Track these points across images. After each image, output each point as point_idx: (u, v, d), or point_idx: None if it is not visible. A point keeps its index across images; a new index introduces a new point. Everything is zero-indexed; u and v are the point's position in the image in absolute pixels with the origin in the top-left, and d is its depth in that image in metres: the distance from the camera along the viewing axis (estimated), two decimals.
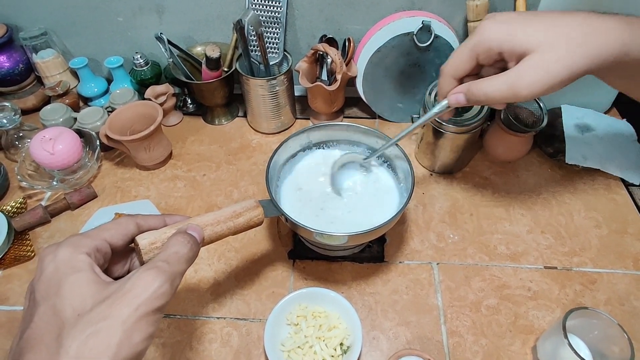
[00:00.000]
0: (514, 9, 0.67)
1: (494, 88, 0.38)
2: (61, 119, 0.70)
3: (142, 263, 0.34)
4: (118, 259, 0.35)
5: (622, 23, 0.35)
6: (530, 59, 0.36)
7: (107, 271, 0.34)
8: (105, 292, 0.28)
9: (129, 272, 0.35)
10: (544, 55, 0.36)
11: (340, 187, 0.55)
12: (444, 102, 0.44)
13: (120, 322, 0.26)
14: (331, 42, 0.70)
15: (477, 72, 0.43)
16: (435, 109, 0.45)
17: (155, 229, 0.35)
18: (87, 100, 0.81)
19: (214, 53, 0.67)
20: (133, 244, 0.35)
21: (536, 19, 0.37)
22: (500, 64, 0.41)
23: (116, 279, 0.31)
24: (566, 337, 0.41)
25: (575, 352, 0.40)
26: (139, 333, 0.27)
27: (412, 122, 0.66)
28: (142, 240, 0.34)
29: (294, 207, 0.53)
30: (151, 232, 0.35)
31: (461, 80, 0.43)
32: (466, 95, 0.41)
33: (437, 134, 0.62)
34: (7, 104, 0.69)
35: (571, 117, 0.68)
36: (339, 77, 0.66)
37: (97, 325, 0.26)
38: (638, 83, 0.41)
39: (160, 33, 0.67)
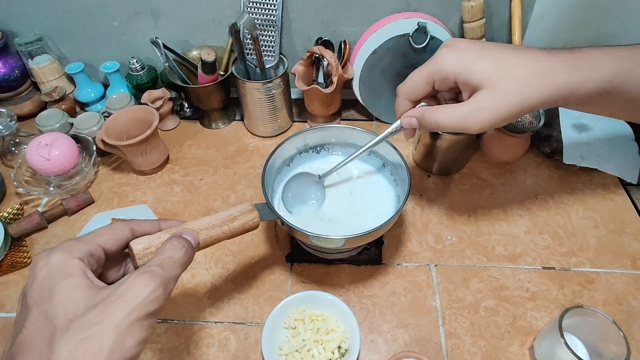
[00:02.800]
0: (509, 10, 0.67)
1: (445, 118, 0.40)
2: (57, 125, 0.70)
3: (136, 268, 0.34)
4: (112, 264, 0.35)
5: (567, 62, 0.38)
6: (481, 95, 0.38)
7: (101, 276, 0.34)
8: (98, 297, 0.28)
9: (123, 277, 0.35)
10: (494, 92, 0.38)
11: (290, 209, 0.54)
12: (397, 123, 0.46)
13: (113, 327, 0.26)
14: (327, 44, 0.70)
15: (433, 94, 0.45)
16: (390, 130, 0.47)
17: (149, 234, 0.35)
18: (83, 106, 0.81)
19: (209, 57, 0.67)
20: (127, 249, 0.35)
21: (490, 54, 0.39)
22: (455, 89, 0.42)
23: (110, 284, 0.30)
24: (562, 336, 0.41)
25: (572, 351, 0.40)
26: (132, 337, 0.27)
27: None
28: (136, 246, 0.34)
29: (290, 209, 0.53)
30: (145, 237, 0.34)
31: (416, 103, 0.45)
32: (419, 120, 0.43)
33: (434, 135, 0.62)
34: (3, 110, 0.69)
35: (568, 117, 0.67)
36: (335, 79, 0.66)
37: (89, 330, 0.26)
38: (597, 109, 0.43)
39: (156, 37, 0.67)
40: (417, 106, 0.45)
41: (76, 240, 0.31)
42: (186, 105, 0.81)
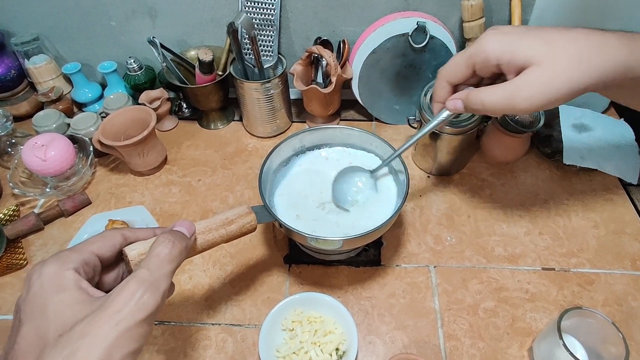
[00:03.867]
0: (509, 9, 0.67)
1: (492, 98, 0.38)
2: (54, 125, 0.70)
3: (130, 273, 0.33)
4: (108, 270, 0.35)
5: (624, 40, 0.35)
6: (530, 72, 0.35)
7: (99, 283, 0.33)
8: (88, 310, 0.27)
9: (122, 280, 0.35)
10: (544, 69, 0.35)
11: (344, 204, 0.53)
12: (446, 113, 0.44)
13: (100, 340, 0.26)
14: (326, 44, 0.70)
15: (475, 82, 0.43)
16: (441, 117, 0.44)
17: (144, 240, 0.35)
18: (81, 106, 0.80)
19: (206, 57, 0.66)
20: (123, 255, 0.34)
21: (538, 33, 0.36)
22: (499, 78, 0.40)
23: (109, 289, 0.30)
24: (561, 337, 0.40)
25: (570, 353, 0.39)
26: (120, 350, 0.26)
27: (409, 124, 0.66)
28: (131, 252, 0.33)
29: (288, 211, 0.53)
30: (140, 242, 0.34)
31: (456, 87, 0.43)
32: (464, 102, 0.41)
33: (434, 135, 0.61)
34: None
35: (569, 117, 0.67)
36: (334, 79, 0.66)
37: (75, 344, 0.25)
38: (638, 97, 0.41)
39: (153, 37, 0.67)
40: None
41: (69, 251, 0.31)
42: (184, 105, 0.81)
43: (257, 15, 0.68)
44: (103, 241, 0.33)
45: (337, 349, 0.46)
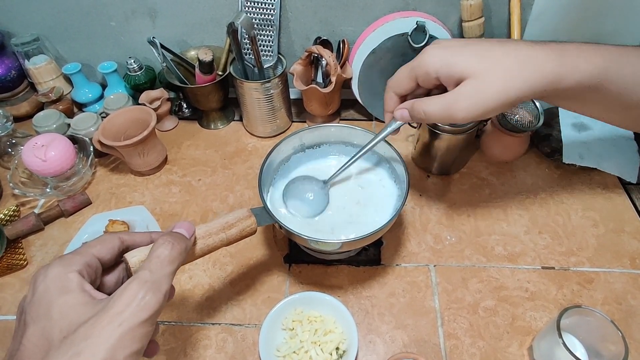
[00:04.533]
0: (508, 9, 0.67)
1: (432, 108, 0.40)
2: (54, 126, 0.70)
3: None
4: (108, 272, 0.35)
5: (553, 52, 0.38)
6: (465, 85, 0.38)
7: (100, 285, 0.34)
8: (92, 312, 0.28)
9: (122, 282, 0.35)
10: (477, 82, 0.37)
11: (297, 213, 0.53)
12: (397, 122, 0.46)
13: (103, 341, 0.26)
14: (325, 44, 0.70)
15: (423, 93, 0.45)
16: (390, 128, 0.47)
17: (140, 244, 0.35)
18: (81, 106, 0.80)
19: (206, 56, 0.67)
20: (124, 261, 0.34)
21: (474, 47, 0.39)
22: (441, 87, 0.42)
23: (109, 292, 0.31)
24: (560, 336, 0.41)
25: (570, 351, 0.39)
26: (123, 350, 0.27)
27: (408, 123, 0.66)
28: (132, 259, 0.33)
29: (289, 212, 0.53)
30: (140, 249, 0.34)
31: (405, 97, 0.46)
32: (409, 111, 0.44)
33: (433, 135, 0.61)
34: None
35: (568, 117, 0.67)
36: (333, 79, 0.66)
37: (79, 346, 0.26)
38: (581, 105, 0.43)
39: (153, 37, 0.67)
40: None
41: (72, 254, 0.32)
42: (184, 105, 0.81)
43: (257, 15, 0.68)
44: (102, 244, 0.33)
45: (337, 348, 0.46)
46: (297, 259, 0.57)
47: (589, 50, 0.38)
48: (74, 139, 0.67)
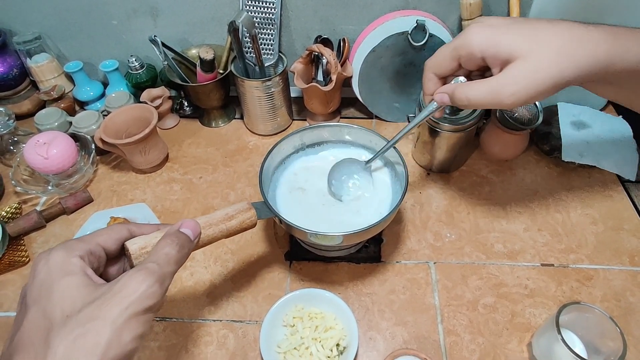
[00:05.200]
0: (507, 7, 0.67)
1: (477, 93, 0.38)
2: (56, 124, 0.70)
3: (132, 267, 0.34)
4: (113, 263, 0.35)
5: (606, 34, 0.35)
6: (514, 67, 0.36)
7: (103, 275, 0.34)
8: (96, 294, 0.28)
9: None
10: (528, 63, 0.35)
11: (340, 193, 0.54)
12: (434, 104, 0.44)
13: (109, 322, 0.26)
14: (326, 42, 0.70)
15: (463, 74, 0.43)
16: (429, 109, 0.45)
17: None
18: (83, 104, 0.81)
19: (207, 55, 0.67)
20: (124, 249, 0.35)
21: (522, 26, 0.37)
22: (484, 68, 0.40)
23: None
24: (559, 332, 0.41)
25: (569, 347, 0.40)
26: (129, 332, 0.27)
27: (409, 121, 0.67)
28: (132, 245, 0.34)
29: (289, 208, 0.53)
30: (141, 237, 0.35)
31: (445, 79, 0.43)
32: (450, 97, 0.41)
33: (433, 132, 0.62)
34: (1, 109, 0.69)
35: (567, 115, 0.67)
36: (334, 77, 0.66)
37: (85, 326, 0.26)
38: (624, 91, 0.41)
39: (154, 36, 0.67)
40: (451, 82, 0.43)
41: (76, 240, 0.32)
42: (186, 103, 0.81)
43: (258, 14, 0.69)
44: (109, 234, 0.34)
45: (337, 345, 0.47)
46: (298, 256, 0.57)
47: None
48: (75, 137, 0.67)
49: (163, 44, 0.68)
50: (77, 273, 0.29)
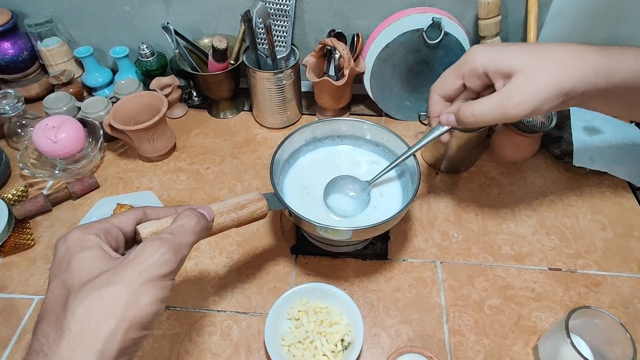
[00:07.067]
0: (526, 8, 0.66)
1: (483, 109, 0.39)
2: (65, 108, 0.70)
3: None
4: (132, 246, 0.36)
5: (600, 48, 0.38)
6: (516, 79, 0.37)
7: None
8: (111, 264, 0.29)
9: None
10: (529, 74, 0.37)
11: (334, 211, 0.52)
12: (440, 128, 0.46)
13: (125, 286, 0.27)
14: (339, 37, 0.70)
15: (468, 97, 0.44)
16: (435, 132, 0.47)
17: None
18: (91, 90, 0.80)
19: (221, 44, 0.66)
20: (136, 235, 0.34)
21: (522, 46, 0.40)
22: (487, 86, 0.42)
23: None
24: (569, 336, 0.40)
25: (578, 351, 0.39)
26: (146, 296, 0.28)
27: (420, 120, 0.66)
28: (144, 230, 0.33)
29: (296, 201, 0.53)
30: (153, 222, 0.34)
31: (450, 102, 0.45)
32: (456, 115, 0.42)
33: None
34: (10, 91, 0.68)
35: (580, 120, 0.67)
36: (346, 72, 0.66)
37: (101, 290, 0.27)
38: (623, 107, 0.43)
39: (167, 23, 0.67)
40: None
41: (92, 222, 0.33)
42: (195, 93, 0.81)
43: (273, 4, 0.68)
44: (126, 215, 0.34)
45: (342, 340, 0.47)
46: (304, 250, 0.57)
47: (633, 48, 0.38)
48: (83, 122, 0.67)
49: (175, 32, 0.68)
50: (94, 247, 0.30)
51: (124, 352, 0.27)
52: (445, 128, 0.46)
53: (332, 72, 0.71)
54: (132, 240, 0.35)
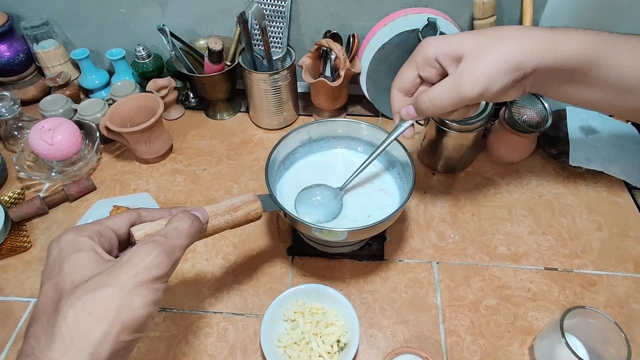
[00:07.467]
0: (521, 8, 0.66)
1: (438, 93, 0.39)
2: (61, 110, 0.70)
3: None
4: (126, 248, 0.36)
5: (545, 28, 0.38)
6: (467, 58, 0.38)
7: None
8: (104, 267, 0.29)
9: None
10: (479, 51, 0.37)
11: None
12: (404, 123, 0.46)
13: (117, 288, 0.27)
14: (335, 37, 0.70)
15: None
16: (398, 130, 0.47)
17: None
18: (88, 92, 0.80)
19: (216, 45, 0.66)
20: (130, 236, 0.34)
21: (472, 31, 0.41)
22: (442, 74, 0.42)
23: None
24: (563, 336, 0.40)
25: (572, 351, 0.39)
26: (139, 298, 0.28)
27: (416, 120, 0.66)
28: (138, 232, 0.33)
29: (292, 202, 0.53)
30: (147, 224, 0.34)
31: (410, 96, 0.45)
32: (414, 105, 0.43)
33: (441, 132, 0.61)
34: (6, 94, 0.68)
35: (576, 119, 0.67)
36: (342, 73, 0.66)
37: (93, 292, 0.27)
38: (578, 88, 0.41)
39: (163, 25, 0.67)
40: None
41: (86, 224, 0.33)
42: (191, 95, 0.81)
43: (268, 6, 0.68)
44: (120, 217, 0.34)
45: (338, 341, 0.47)
46: (300, 251, 0.57)
47: (579, 29, 0.39)
48: (80, 125, 0.67)
49: (171, 34, 0.68)
50: (87, 250, 0.30)
51: (115, 355, 0.27)
52: (409, 123, 0.46)
53: (328, 73, 0.71)
54: (126, 242, 0.35)
